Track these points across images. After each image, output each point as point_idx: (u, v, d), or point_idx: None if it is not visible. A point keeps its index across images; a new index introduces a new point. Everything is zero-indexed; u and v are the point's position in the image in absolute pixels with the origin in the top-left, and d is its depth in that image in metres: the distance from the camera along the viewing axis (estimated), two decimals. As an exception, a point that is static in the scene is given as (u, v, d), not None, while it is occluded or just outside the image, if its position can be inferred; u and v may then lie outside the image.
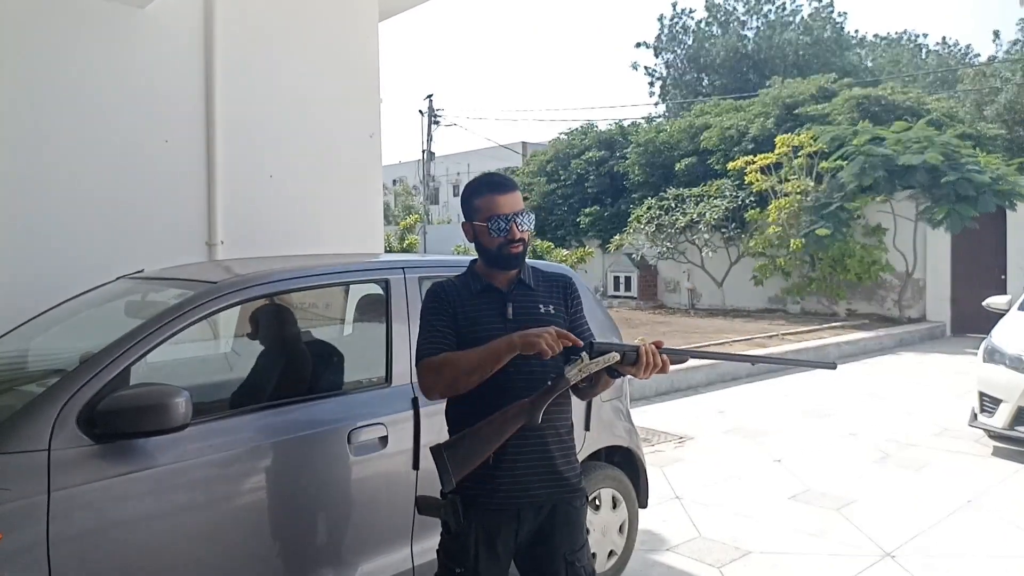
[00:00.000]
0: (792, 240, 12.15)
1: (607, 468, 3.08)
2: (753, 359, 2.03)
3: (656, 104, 29.17)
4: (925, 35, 41.48)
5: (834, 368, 2.12)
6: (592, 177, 18.19)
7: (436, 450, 1.77)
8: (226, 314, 2.45)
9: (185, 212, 4.14)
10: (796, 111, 14.62)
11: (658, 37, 29.44)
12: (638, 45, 34.81)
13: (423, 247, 20.86)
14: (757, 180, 13.09)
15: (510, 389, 1.80)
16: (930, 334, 11.38)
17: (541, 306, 1.92)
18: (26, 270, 3.57)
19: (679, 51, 28.90)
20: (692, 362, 7.63)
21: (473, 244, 1.94)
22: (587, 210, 17.64)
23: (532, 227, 1.92)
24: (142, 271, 3.00)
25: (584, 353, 1.73)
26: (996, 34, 34.27)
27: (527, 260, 1.98)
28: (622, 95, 68.61)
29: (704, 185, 14.96)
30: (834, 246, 11.75)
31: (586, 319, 2.03)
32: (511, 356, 1.74)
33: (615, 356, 1.73)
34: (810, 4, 27.79)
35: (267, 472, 2.19)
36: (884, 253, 12.02)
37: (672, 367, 1.82)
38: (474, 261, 2.00)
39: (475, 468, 1.76)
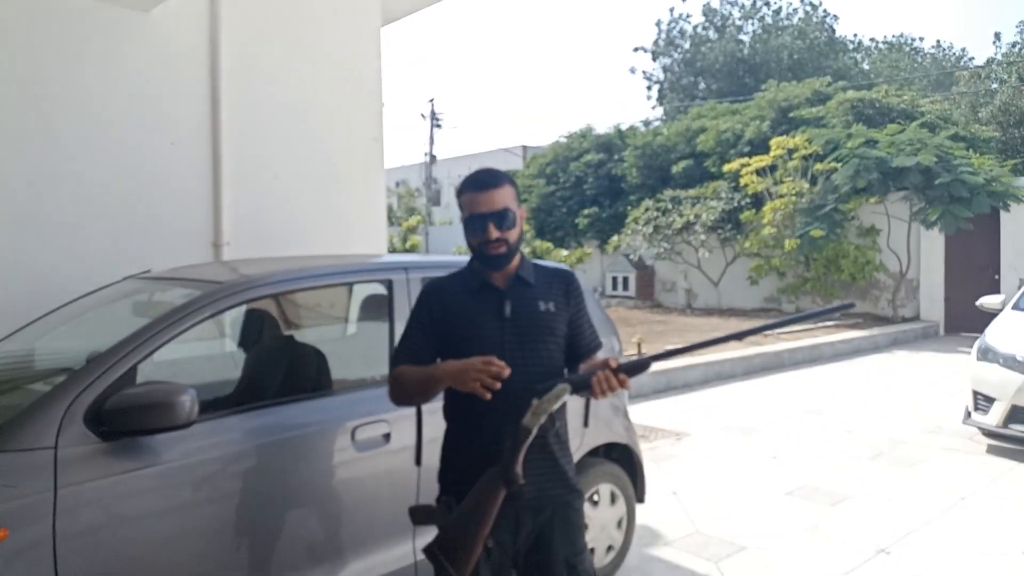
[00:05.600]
0: (787, 241, 12.21)
1: (605, 464, 3.12)
2: (738, 336, 1.81)
3: (653, 108, 29.33)
4: (921, 39, 41.64)
5: (852, 307, 1.86)
6: (591, 179, 18.23)
7: (429, 551, 1.71)
8: (232, 313, 2.49)
9: (191, 213, 4.18)
10: (791, 114, 14.68)
11: (656, 42, 29.60)
12: (636, 50, 34.96)
13: (425, 248, 20.91)
14: (752, 182, 13.15)
15: (493, 406, 1.72)
16: (924, 333, 11.45)
17: (540, 303, 1.86)
18: (34, 270, 3.60)
19: (676, 55, 29.03)
20: (688, 360, 7.78)
21: None
22: (586, 211, 17.67)
23: (517, 225, 1.84)
24: (149, 271, 3.03)
25: (534, 399, 1.70)
26: (997, 36, 34.47)
27: (531, 260, 1.94)
28: (621, 99, 68.68)
29: (700, 187, 15.01)
30: (828, 247, 11.82)
31: (588, 317, 1.98)
32: (443, 386, 1.75)
33: (566, 388, 1.71)
34: (803, 7, 27.93)
35: (272, 468, 2.22)
36: (878, 253, 12.09)
37: (635, 377, 1.77)
38: (473, 257, 1.95)
39: (453, 492, 1.76)
